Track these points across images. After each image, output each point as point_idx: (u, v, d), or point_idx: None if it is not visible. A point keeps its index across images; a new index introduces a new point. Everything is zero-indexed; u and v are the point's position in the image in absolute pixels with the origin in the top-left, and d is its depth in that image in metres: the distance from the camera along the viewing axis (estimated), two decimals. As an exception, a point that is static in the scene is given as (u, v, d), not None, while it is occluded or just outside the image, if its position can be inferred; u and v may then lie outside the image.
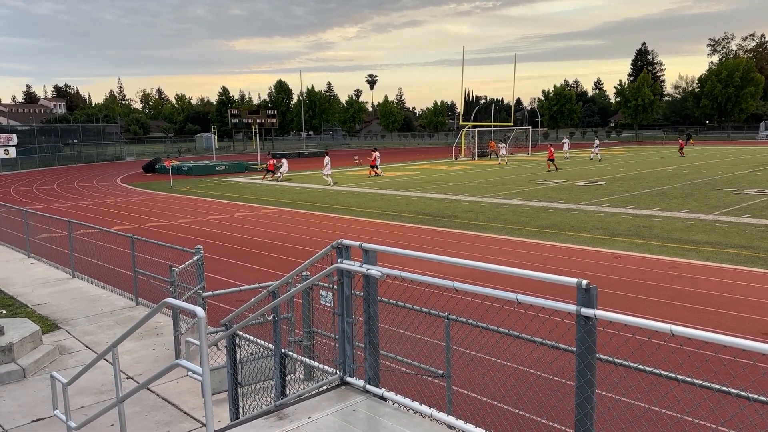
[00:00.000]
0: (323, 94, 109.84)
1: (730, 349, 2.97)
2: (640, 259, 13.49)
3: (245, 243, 16.73)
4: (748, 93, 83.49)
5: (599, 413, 3.66)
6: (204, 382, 3.55)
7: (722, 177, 30.92)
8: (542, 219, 19.26)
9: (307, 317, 6.09)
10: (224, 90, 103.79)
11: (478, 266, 4.20)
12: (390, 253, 4.78)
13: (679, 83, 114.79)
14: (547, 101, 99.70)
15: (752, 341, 2.88)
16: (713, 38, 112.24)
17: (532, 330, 4.44)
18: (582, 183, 29.69)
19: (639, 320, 3.16)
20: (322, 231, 18.33)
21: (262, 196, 28.60)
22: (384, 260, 4.47)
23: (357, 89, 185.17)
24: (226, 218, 21.78)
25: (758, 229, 16.47)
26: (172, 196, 30.10)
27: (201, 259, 8.33)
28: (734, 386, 3.58)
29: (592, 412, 3.45)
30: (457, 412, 5.95)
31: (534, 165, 43.24)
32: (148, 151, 79.31)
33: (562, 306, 3.48)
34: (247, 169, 47.02)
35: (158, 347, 8.78)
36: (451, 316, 5.07)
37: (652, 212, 19.98)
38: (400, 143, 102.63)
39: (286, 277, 5.16)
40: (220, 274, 12.93)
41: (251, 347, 6.06)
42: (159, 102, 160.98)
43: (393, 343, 6.32)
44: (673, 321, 8.93)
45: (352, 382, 4.75)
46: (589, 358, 3.41)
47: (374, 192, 28.82)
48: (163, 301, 4.25)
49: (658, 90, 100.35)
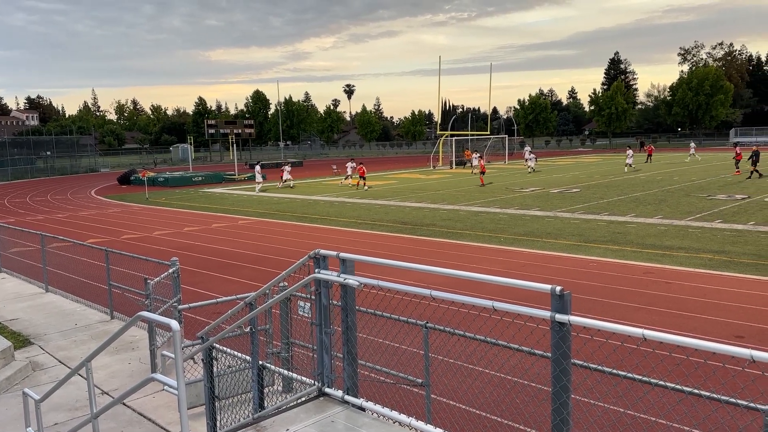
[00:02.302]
0: (301, 104, 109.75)
1: (700, 352, 3.03)
2: (615, 265, 13.67)
3: (222, 254, 16.60)
4: (718, 101, 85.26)
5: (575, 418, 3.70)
6: (180, 396, 3.52)
7: (694, 183, 31.51)
8: (519, 226, 19.43)
9: (285, 328, 6.06)
10: (201, 100, 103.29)
11: (455, 274, 4.23)
12: (368, 262, 4.79)
13: (652, 91, 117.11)
14: (523, 110, 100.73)
15: (721, 344, 2.95)
16: (683, 47, 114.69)
17: (508, 336, 4.48)
18: (558, 190, 30.02)
19: (612, 325, 3.21)
20: (301, 241, 18.27)
21: (239, 207, 28.42)
22: (362, 269, 4.48)
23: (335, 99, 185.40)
24: (203, 230, 21.59)
25: (730, 234, 16.80)
26: (147, 208, 29.76)
27: (177, 272, 8.25)
28: (706, 389, 3.65)
29: (568, 417, 3.49)
30: (437, 420, 5.96)
31: (511, 173, 43.61)
32: (123, 163, 78.38)
33: (537, 312, 3.52)
34: (224, 180, 46.70)
35: (134, 361, 8.65)
36: (430, 325, 5.09)
37: (627, 218, 20.26)
38: (378, 152, 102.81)
39: (263, 288, 5.14)
40: (197, 287, 12.80)
41: (229, 360, 6.01)
42: (134, 113, 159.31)
43: (372, 352, 6.31)
44: (647, 325, 9.06)
45: (330, 393, 4.73)
46: (564, 363, 3.45)
47: (353, 201, 28.81)
48: (138, 314, 4.20)
49: (631, 98, 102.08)
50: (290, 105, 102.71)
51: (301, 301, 5.25)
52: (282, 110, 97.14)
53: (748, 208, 21.52)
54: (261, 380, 5.21)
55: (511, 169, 48.32)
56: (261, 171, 37.14)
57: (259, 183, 36.54)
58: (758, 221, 18.65)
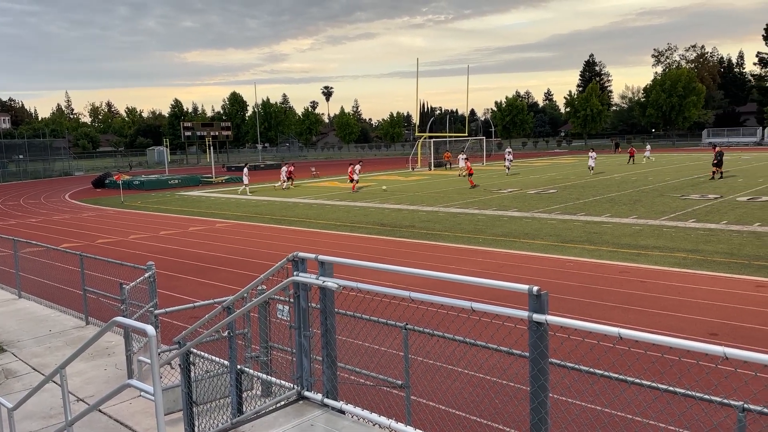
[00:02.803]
0: (278, 106, 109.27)
1: (675, 350, 3.08)
2: (591, 265, 13.83)
3: (200, 258, 16.45)
4: (690, 102, 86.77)
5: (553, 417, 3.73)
6: (156, 402, 3.48)
7: (668, 183, 32.01)
8: (498, 227, 19.55)
9: (264, 332, 6.02)
10: (177, 102, 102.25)
11: (434, 276, 4.25)
12: (347, 264, 4.78)
13: (626, 93, 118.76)
14: (500, 112, 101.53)
15: (695, 342, 3.00)
16: (657, 49, 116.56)
17: (487, 337, 4.50)
18: (535, 191, 30.29)
19: (588, 324, 3.25)
20: (280, 244, 18.18)
21: (217, 210, 28.19)
22: (341, 272, 4.48)
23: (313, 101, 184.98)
24: (179, 233, 21.37)
25: (703, 233, 17.10)
26: (123, 212, 29.37)
27: (153, 276, 8.15)
28: (681, 386, 3.71)
29: (546, 416, 3.52)
30: (416, 422, 5.97)
31: (489, 174, 43.88)
32: (97, 166, 77.25)
33: (515, 312, 3.55)
34: (201, 183, 46.27)
35: (110, 367, 8.52)
36: (409, 326, 5.09)
37: (603, 219, 20.51)
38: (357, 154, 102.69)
39: (241, 291, 5.10)
40: (174, 291, 12.67)
41: (207, 365, 5.95)
42: (109, 115, 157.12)
43: (351, 355, 6.30)
44: (623, 324, 9.18)
45: (310, 397, 4.72)
46: (541, 362, 3.48)
47: (332, 204, 28.75)
48: (113, 320, 4.14)
49: (606, 100, 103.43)
50: (268, 107, 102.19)
51: (280, 305, 5.22)
52: (259, 112, 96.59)
53: (721, 208, 21.92)
54: (239, 385, 5.17)
55: (489, 170, 48.62)
56: (248, 173, 36.88)
57: (246, 185, 36.19)
58: (731, 220, 19.01)
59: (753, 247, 15.01)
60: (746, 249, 14.77)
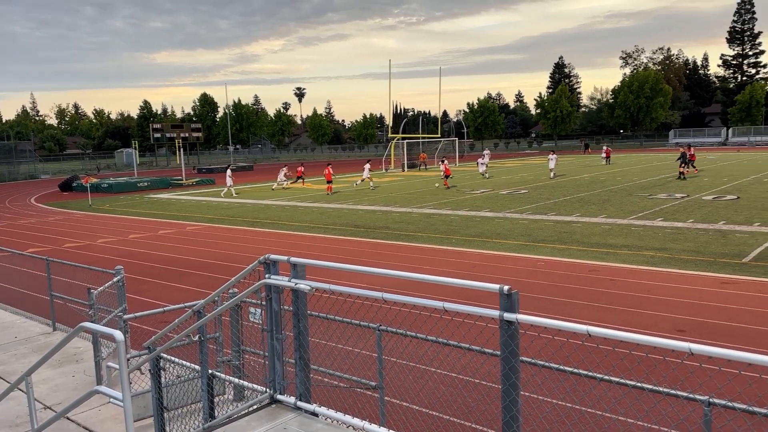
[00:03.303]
0: (250, 107, 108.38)
1: (642, 346, 3.14)
2: (562, 264, 14.01)
3: (170, 262, 16.23)
4: (657, 103, 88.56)
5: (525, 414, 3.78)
6: (125, 408, 3.42)
7: (636, 183, 32.60)
8: (470, 228, 19.69)
9: (236, 336, 5.97)
10: (146, 104, 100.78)
11: (407, 276, 4.26)
12: (319, 266, 4.77)
13: (595, 95, 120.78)
14: (472, 113, 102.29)
15: (661, 338, 3.06)
16: (625, 51, 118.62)
17: (459, 336, 4.53)
18: (507, 192, 30.57)
19: (558, 322, 3.30)
20: (253, 247, 18.03)
21: (187, 213, 27.85)
22: (315, 274, 4.47)
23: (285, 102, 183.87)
24: (149, 236, 21.06)
25: (670, 232, 17.46)
26: (90, 215, 28.83)
27: (122, 280, 8.02)
28: (648, 382, 3.77)
29: (518, 414, 3.55)
30: (390, 422, 5.98)
31: (462, 175, 44.14)
32: (64, 169, 75.71)
33: (486, 312, 3.58)
34: (171, 185, 45.66)
35: (78, 374, 8.36)
36: (382, 327, 5.10)
37: (573, 218, 20.80)
38: (330, 156, 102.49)
39: (212, 295, 5.05)
40: (143, 295, 12.48)
41: (178, 369, 5.87)
42: (76, 117, 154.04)
43: (324, 357, 6.28)
44: (594, 322, 9.32)
45: (282, 400, 4.69)
46: (513, 361, 3.51)
47: (305, 205, 28.64)
48: (79, 325, 4.07)
49: (575, 101, 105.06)
50: (239, 108, 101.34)
51: (253, 308, 5.19)
52: (231, 113, 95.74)
53: (688, 207, 22.41)
54: (211, 389, 5.12)
55: (462, 171, 48.93)
56: (231, 175, 36.41)
57: (229, 186, 35.72)
58: (697, 219, 19.44)
59: (718, 245, 15.37)
60: (712, 247, 15.12)
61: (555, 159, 39.11)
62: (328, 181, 33.66)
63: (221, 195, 35.20)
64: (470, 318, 3.67)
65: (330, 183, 33.67)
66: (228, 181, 36.02)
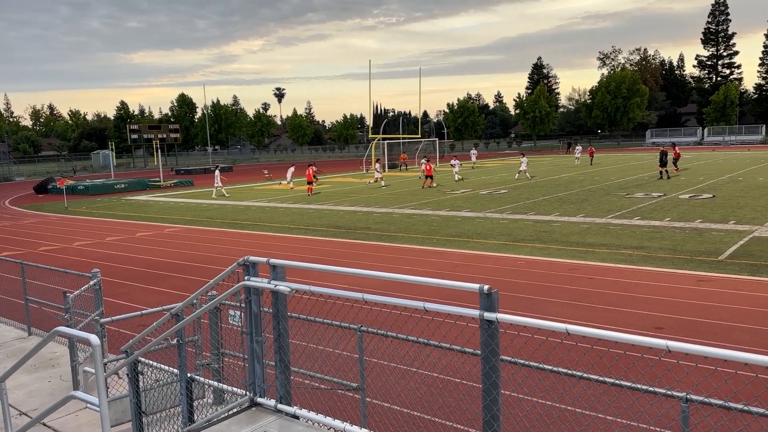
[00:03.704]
0: (229, 108, 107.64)
1: (621, 344, 3.17)
2: (542, 263, 14.11)
3: (149, 264, 16.04)
4: (634, 103, 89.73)
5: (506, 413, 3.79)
6: (102, 413, 3.37)
7: (614, 182, 32.97)
8: (451, 228, 19.75)
9: (215, 339, 5.91)
10: (122, 104, 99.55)
11: (387, 277, 4.25)
12: (299, 268, 4.74)
13: (573, 95, 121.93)
14: (452, 114, 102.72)
15: (639, 336, 3.09)
16: (602, 52, 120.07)
17: (440, 336, 4.54)
18: (487, 192, 30.73)
19: (537, 321, 3.31)
20: (232, 248, 17.90)
21: (165, 215, 27.56)
22: (296, 275, 4.44)
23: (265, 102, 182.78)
24: (126, 239, 20.80)
25: (647, 231, 17.68)
26: (66, 218, 28.40)
27: (99, 284, 7.91)
28: (627, 379, 3.81)
29: (498, 413, 3.56)
30: (372, 423, 5.97)
31: (443, 175, 44.28)
32: (39, 171, 74.48)
33: (467, 311, 3.59)
34: (148, 187, 45.16)
35: (54, 379, 8.22)
36: (363, 328, 5.09)
37: (552, 218, 20.97)
38: (310, 156, 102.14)
39: (191, 297, 5.00)
40: (121, 299, 12.32)
41: (156, 373, 5.80)
42: (51, 118, 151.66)
43: (305, 359, 6.25)
44: (573, 320, 9.41)
45: (263, 403, 4.65)
46: (493, 360, 3.52)
47: (285, 206, 28.50)
48: (54, 330, 3.99)
49: (553, 102, 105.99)
50: (218, 108, 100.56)
51: (232, 310, 5.14)
52: (209, 114, 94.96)
53: (664, 205, 22.72)
54: (190, 393, 5.06)
55: (442, 171, 49.09)
56: (221, 175, 36.04)
57: (217, 186, 35.35)
58: (673, 218, 19.72)
59: (695, 243, 15.60)
60: (688, 245, 15.34)
61: (526, 161, 38.89)
62: (309, 182, 33.50)
63: (212, 196, 34.75)
64: (451, 318, 3.68)
65: (310, 184, 33.49)
66: (216, 182, 35.58)
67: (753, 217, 19.02)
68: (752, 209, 20.76)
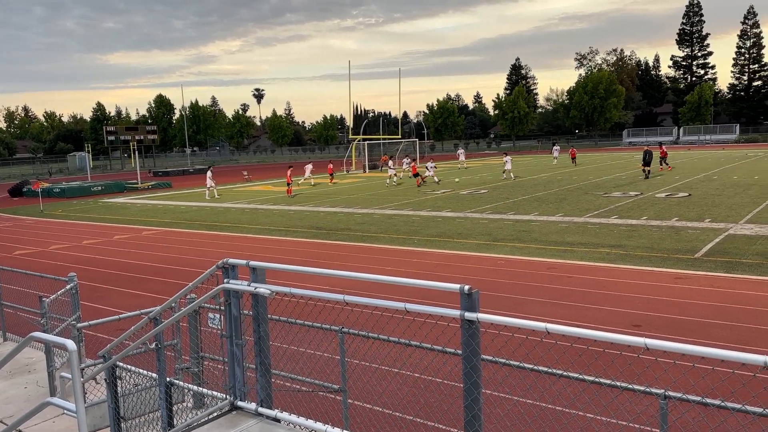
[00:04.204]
0: (207, 109, 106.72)
1: (600, 342, 3.20)
2: (521, 262, 14.21)
3: (127, 268, 15.84)
4: (611, 103, 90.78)
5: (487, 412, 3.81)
6: (79, 419, 3.31)
7: (592, 182, 33.32)
8: (432, 228, 19.80)
9: (195, 342, 5.86)
10: (99, 106, 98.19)
11: (368, 278, 4.25)
12: (279, 270, 4.71)
13: (551, 95, 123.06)
14: (432, 114, 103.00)
15: (617, 334, 3.12)
16: (579, 53, 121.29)
17: (421, 337, 4.54)
18: (467, 192, 30.87)
19: (517, 320, 3.33)
20: (212, 251, 17.75)
21: (143, 217, 27.25)
22: (276, 277, 4.41)
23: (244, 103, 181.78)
24: (104, 242, 20.53)
25: (625, 229, 17.90)
26: (42, 221, 27.95)
27: (75, 288, 7.79)
28: (606, 377, 3.85)
29: (480, 412, 3.57)
30: (353, 425, 5.95)
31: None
32: (14, 174, 73.25)
33: (447, 312, 3.59)
34: (126, 189, 44.61)
35: (31, 385, 8.08)
36: (344, 329, 5.07)
37: (531, 217, 21.13)
38: (291, 157, 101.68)
39: (169, 301, 4.94)
40: (98, 303, 12.15)
41: (135, 378, 5.73)
42: (26, 120, 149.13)
43: (286, 361, 6.21)
44: (553, 318, 9.48)
45: (243, 406, 4.61)
46: (474, 360, 3.53)
47: (265, 208, 28.35)
48: (29, 335, 3.92)
49: (532, 102, 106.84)
50: (196, 109, 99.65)
51: (212, 313, 5.09)
52: (187, 115, 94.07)
53: (641, 204, 23.02)
54: (169, 397, 5.01)
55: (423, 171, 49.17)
56: (212, 176, 35.42)
57: (211, 188, 34.78)
58: (650, 216, 19.98)
59: (671, 241, 15.82)
60: (665, 243, 15.56)
61: (510, 160, 39.10)
62: (288, 183, 33.42)
63: (206, 198, 34.26)
64: (432, 318, 3.68)
65: (289, 185, 33.37)
66: (208, 182, 34.91)
67: (728, 215, 19.35)
68: (727, 207, 21.12)
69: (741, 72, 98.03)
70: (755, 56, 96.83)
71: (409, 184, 35.68)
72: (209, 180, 35.06)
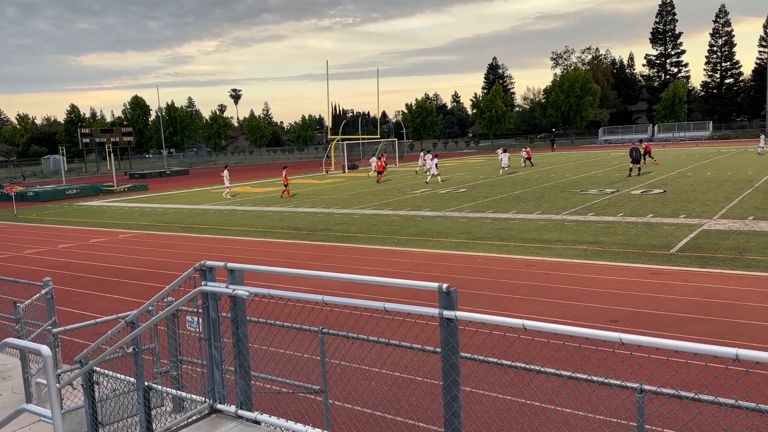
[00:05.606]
0: (184, 110, 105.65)
1: (576, 338, 3.24)
2: (500, 260, 14.32)
3: (103, 271, 15.64)
4: (587, 102, 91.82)
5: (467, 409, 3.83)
6: (55, 426, 3.27)
7: (568, 180, 33.67)
8: (411, 227, 19.85)
9: (173, 346, 5.81)
10: (73, 108, 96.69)
11: (347, 278, 4.25)
12: (258, 271, 4.70)
13: (528, 94, 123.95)
14: (411, 114, 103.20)
15: (593, 329, 3.16)
16: (555, 52, 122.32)
17: (400, 335, 4.56)
18: (446, 191, 30.99)
19: (495, 317, 3.36)
20: (190, 253, 17.59)
21: (120, 220, 26.91)
22: (255, 279, 4.40)
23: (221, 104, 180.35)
24: (80, 246, 20.23)
25: (601, 226, 18.12)
26: (16, 225, 27.45)
27: (51, 292, 7.67)
28: (583, 372, 3.90)
29: (459, 410, 3.60)
30: (334, 426, 5.95)
31: (402, 175, 44.45)
32: (-14, 177, 71.77)
33: (426, 310, 3.62)
34: (102, 192, 44.01)
35: (6, 392, 7.93)
36: (325, 330, 5.07)
37: (509, 215, 21.29)
38: (269, 158, 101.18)
39: (147, 304, 4.90)
40: (75, 307, 11.97)
41: (113, 383, 5.67)
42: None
43: (266, 363, 6.19)
44: (532, 315, 9.57)
45: (223, 409, 4.59)
46: (453, 358, 3.56)
47: (244, 209, 28.17)
48: (3, 341, 3.86)
49: (509, 101, 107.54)
50: (172, 111, 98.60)
51: (189, 316, 5.06)
52: (163, 116, 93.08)
53: (617, 201, 23.32)
54: (148, 402, 4.96)
55: (402, 171, 49.27)
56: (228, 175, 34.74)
57: (227, 188, 34.26)
58: (626, 213, 20.25)
59: (647, 237, 16.06)
60: (641, 239, 15.78)
61: (508, 156, 39.81)
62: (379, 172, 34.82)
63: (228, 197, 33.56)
64: (411, 317, 3.70)
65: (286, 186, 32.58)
66: (225, 182, 34.29)
67: (702, 211, 19.69)
68: (701, 203, 21.49)
69: (713, 70, 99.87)
70: (727, 54, 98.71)
71: (356, 188, 35.71)
72: (227, 180, 34.40)
